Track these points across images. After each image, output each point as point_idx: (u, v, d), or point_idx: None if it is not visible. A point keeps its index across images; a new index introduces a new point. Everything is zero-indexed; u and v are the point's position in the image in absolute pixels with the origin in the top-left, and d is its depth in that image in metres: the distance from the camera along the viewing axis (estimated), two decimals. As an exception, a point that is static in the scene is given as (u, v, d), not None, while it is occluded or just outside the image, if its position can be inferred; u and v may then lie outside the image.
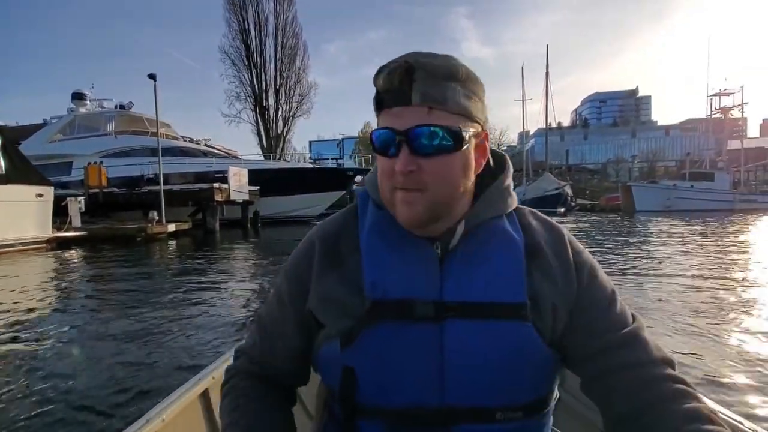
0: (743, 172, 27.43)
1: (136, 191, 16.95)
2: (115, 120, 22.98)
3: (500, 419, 0.57)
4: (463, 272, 0.58)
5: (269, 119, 31.76)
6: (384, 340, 0.57)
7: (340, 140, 77.50)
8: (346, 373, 0.59)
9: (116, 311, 4.84)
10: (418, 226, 0.58)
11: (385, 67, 0.56)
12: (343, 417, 0.60)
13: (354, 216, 0.66)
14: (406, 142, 0.54)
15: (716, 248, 9.26)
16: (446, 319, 0.57)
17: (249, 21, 30.41)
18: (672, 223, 16.65)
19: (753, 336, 3.51)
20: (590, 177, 53.82)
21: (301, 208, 21.41)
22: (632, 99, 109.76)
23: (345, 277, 0.61)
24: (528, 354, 0.57)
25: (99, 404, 2.51)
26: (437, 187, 0.56)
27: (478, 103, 0.58)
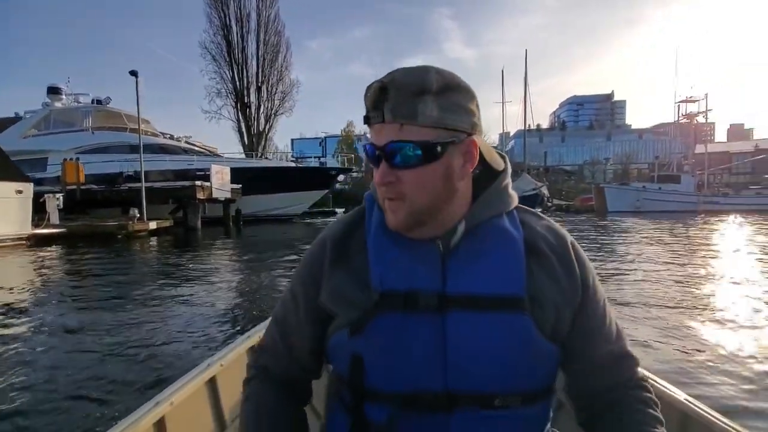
0: (707, 175, 28.86)
1: (116, 188, 16.76)
2: (92, 115, 22.55)
3: (499, 405, 0.60)
4: (464, 267, 0.62)
5: (251, 116, 31.49)
6: (390, 329, 0.61)
7: (323, 138, 77.26)
8: (355, 360, 0.62)
9: (96, 309, 4.79)
10: (403, 230, 0.63)
11: (368, 87, 0.60)
12: (352, 402, 0.64)
13: (361, 218, 0.70)
14: (383, 156, 0.60)
15: (678, 246, 9.96)
16: (448, 310, 0.60)
17: (231, 17, 30.11)
18: (640, 223, 17.52)
19: (707, 324, 3.94)
20: (567, 178, 55.29)
21: (283, 206, 21.51)
22: (608, 103, 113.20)
23: (353, 273, 0.65)
24: (525, 345, 0.60)
25: (65, 404, 2.47)
26: (415, 196, 0.60)
27: (460, 112, 0.60)
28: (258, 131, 31.77)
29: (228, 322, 4.21)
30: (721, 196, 27.36)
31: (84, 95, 24.61)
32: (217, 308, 4.74)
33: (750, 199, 27.35)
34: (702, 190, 27.19)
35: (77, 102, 24.19)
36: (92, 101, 23.80)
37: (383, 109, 0.58)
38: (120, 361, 3.16)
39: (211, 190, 16.41)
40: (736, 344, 3.35)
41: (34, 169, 18.18)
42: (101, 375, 2.88)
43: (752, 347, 3.30)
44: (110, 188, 16.76)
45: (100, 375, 2.88)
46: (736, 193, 28.64)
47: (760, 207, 25.49)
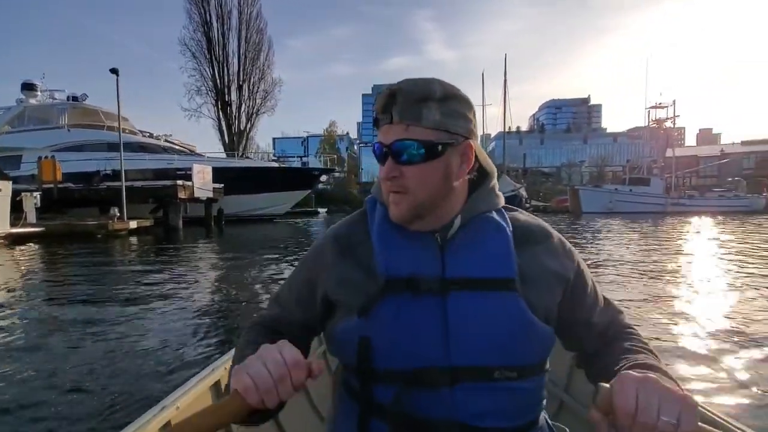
0: (674, 178, 30.28)
1: (94, 187, 16.53)
2: (68, 112, 22.08)
3: (498, 377, 0.66)
4: (461, 254, 0.69)
5: (232, 115, 31.25)
6: (396, 311, 0.66)
7: (305, 138, 76.90)
8: (363, 342, 0.67)
9: (74, 309, 4.73)
10: (404, 222, 0.70)
11: (379, 93, 0.68)
12: (359, 384, 0.69)
13: (363, 217, 0.78)
14: (390, 153, 0.67)
15: (644, 243, 10.60)
16: (449, 292, 0.67)
17: (211, 14, 29.89)
18: (612, 223, 18.33)
19: (664, 312, 4.35)
20: (545, 180, 56.69)
21: (265, 206, 21.57)
22: (584, 107, 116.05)
23: (358, 264, 0.71)
24: (518, 321, 0.66)
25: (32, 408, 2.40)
26: (417, 190, 0.67)
27: (459, 119, 0.68)
28: (239, 130, 31.54)
29: (207, 331, 3.96)
30: (687, 198, 28.84)
31: (59, 92, 24.07)
32: (197, 314, 4.53)
33: (713, 200, 28.89)
34: (670, 192, 28.57)
35: (53, 98, 23.63)
36: (68, 98, 23.28)
37: (392, 111, 0.66)
38: (85, 371, 2.98)
39: (193, 190, 16.37)
40: (690, 328, 3.78)
41: (7, 167, 17.72)
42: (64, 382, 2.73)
43: (705, 328, 3.76)
44: (88, 187, 16.52)
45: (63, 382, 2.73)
46: (701, 195, 30.19)
47: (721, 208, 27.06)
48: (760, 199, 28.95)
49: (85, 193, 16.28)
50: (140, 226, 14.22)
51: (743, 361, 3.14)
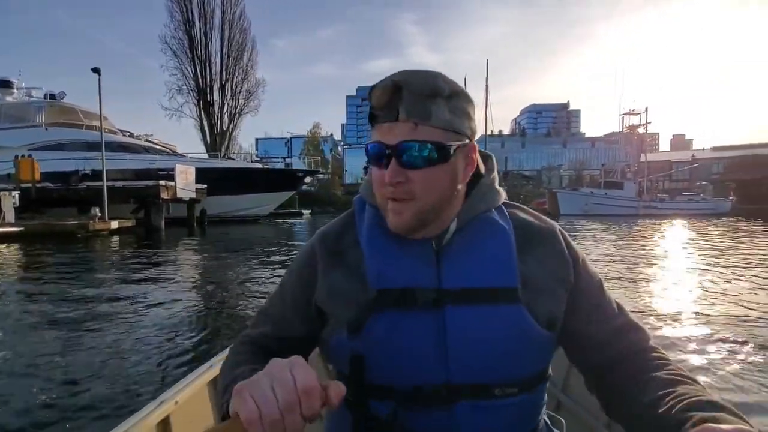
0: (646, 182, 31.53)
1: (73, 187, 16.33)
2: (46, 111, 21.65)
3: (498, 395, 0.61)
4: (459, 261, 0.63)
5: (214, 115, 30.98)
6: (390, 326, 0.61)
7: (289, 139, 76.39)
8: (355, 358, 0.62)
9: (51, 310, 4.67)
10: (406, 232, 0.63)
11: (377, 85, 0.60)
12: (353, 397, 0.63)
13: (351, 219, 0.71)
14: (394, 155, 0.59)
15: (616, 243, 11.19)
16: (446, 305, 0.61)
17: (193, 12, 29.62)
18: (588, 225, 19.06)
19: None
20: (526, 183, 57.84)
21: (249, 207, 21.58)
22: (564, 112, 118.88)
23: (348, 271, 0.65)
24: (521, 334, 0.61)
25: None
26: (425, 196, 0.60)
27: (465, 117, 0.62)
28: (221, 130, 31.31)
29: (188, 331, 3.98)
30: (659, 201, 30.09)
31: (37, 89, 23.63)
32: (179, 314, 4.53)
33: (682, 204, 30.20)
34: (642, 195, 29.75)
35: (29, 96, 23.15)
36: (45, 96, 22.81)
37: (397, 107, 0.58)
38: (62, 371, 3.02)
39: (176, 190, 16.33)
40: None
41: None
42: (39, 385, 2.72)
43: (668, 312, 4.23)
44: (67, 187, 16.31)
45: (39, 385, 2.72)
46: (671, 198, 31.50)
47: (690, 211, 28.39)
48: (725, 202, 30.39)
49: (63, 192, 16.07)
50: (122, 226, 14.15)
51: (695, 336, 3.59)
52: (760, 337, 3.70)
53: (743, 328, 3.99)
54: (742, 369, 3.04)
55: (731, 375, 2.93)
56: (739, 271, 7.04)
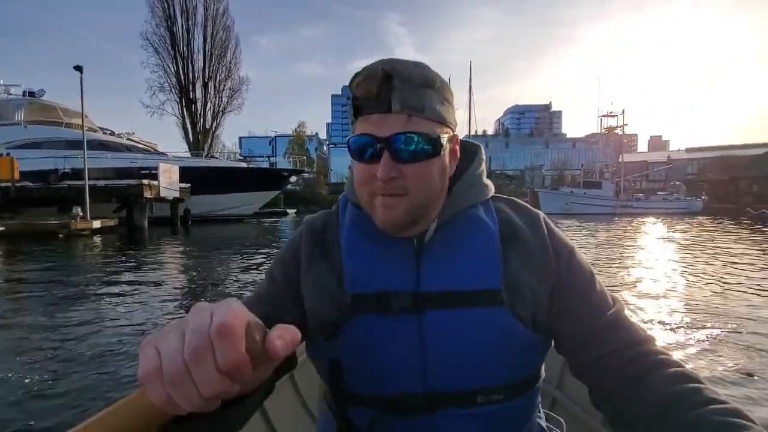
0: (623, 182, 32.70)
1: (54, 186, 16.11)
2: (25, 108, 21.28)
3: (481, 402, 0.59)
4: (439, 263, 0.60)
5: (196, 113, 30.60)
6: (366, 333, 0.59)
7: (273, 138, 75.97)
8: (333, 365, 0.61)
9: (35, 311, 4.63)
10: (395, 229, 0.60)
11: (361, 74, 0.57)
12: (335, 404, 0.63)
13: (336, 216, 0.69)
14: (387, 148, 0.56)
15: (593, 239, 11.71)
16: (425, 310, 0.58)
17: (175, 8, 29.16)
18: (567, 222, 19.66)
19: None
20: (509, 182, 58.81)
21: (234, 206, 21.56)
22: (546, 113, 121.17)
23: (329, 269, 0.63)
24: (505, 338, 0.58)
25: None
26: (418, 191, 0.58)
27: (450, 109, 0.60)
28: (204, 129, 30.94)
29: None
30: (635, 200, 31.24)
31: (16, 86, 23.12)
32: (161, 314, 4.56)
33: (657, 203, 31.43)
34: (619, 195, 30.81)
35: (8, 94, 22.62)
36: (24, 93, 22.39)
37: (389, 98, 0.55)
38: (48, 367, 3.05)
39: (159, 189, 16.27)
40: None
41: (-43, 165, 16.93)
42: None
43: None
44: (47, 186, 16.07)
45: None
46: (647, 198, 32.72)
47: (664, 210, 29.61)
48: (697, 201, 31.63)
49: (44, 192, 15.82)
50: (104, 225, 14.05)
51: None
52: (707, 320, 4.11)
53: (696, 309, 4.41)
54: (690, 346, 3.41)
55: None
56: (700, 263, 7.60)
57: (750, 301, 5.00)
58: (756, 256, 8.72)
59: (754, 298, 5.15)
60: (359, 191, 0.62)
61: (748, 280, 6.23)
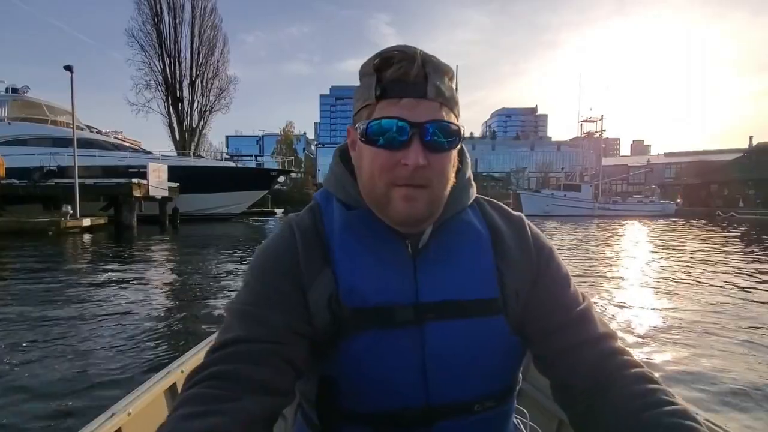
0: (602, 185, 33.83)
1: (41, 183, 16.14)
2: (9, 105, 21.10)
3: (478, 410, 0.59)
4: (437, 272, 0.59)
5: (183, 112, 30.30)
6: (366, 349, 0.56)
7: (261, 137, 75.68)
8: (325, 382, 0.58)
9: (18, 309, 4.67)
10: (415, 224, 0.58)
11: (391, 56, 0.54)
12: (322, 425, 0.59)
13: (318, 213, 0.63)
14: (418, 135, 0.53)
15: (576, 237, 12.39)
16: (426, 322, 0.57)
17: (162, 5, 28.78)
18: (548, 223, 20.43)
19: None
20: (495, 184, 59.83)
21: (221, 206, 21.74)
22: (532, 116, 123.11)
23: (324, 276, 0.58)
24: (501, 346, 0.59)
25: None
26: (438, 184, 0.56)
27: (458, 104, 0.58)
28: (191, 127, 30.68)
29: (157, 331, 4.03)
30: (612, 203, 32.48)
31: (-1, 82, 22.82)
32: (149, 313, 4.61)
33: (633, 205, 32.72)
34: (598, 198, 31.96)
35: (-10, 90, 22.36)
36: (8, 90, 22.13)
37: (425, 83, 0.54)
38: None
39: (148, 188, 16.43)
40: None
41: (-61, 161, 16.78)
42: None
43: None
44: (35, 183, 16.09)
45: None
46: (623, 201, 34.00)
47: (640, 212, 30.87)
48: (670, 204, 33.18)
49: (30, 189, 15.85)
50: (94, 223, 14.18)
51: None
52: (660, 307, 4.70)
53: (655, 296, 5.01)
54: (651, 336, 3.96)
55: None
56: (660, 258, 8.35)
57: (695, 289, 5.66)
58: (710, 254, 9.49)
59: (700, 286, 5.81)
60: (373, 181, 0.57)
61: (697, 273, 6.93)
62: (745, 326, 4.22)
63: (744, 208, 32.05)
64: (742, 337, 3.88)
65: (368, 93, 0.56)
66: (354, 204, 0.62)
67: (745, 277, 6.88)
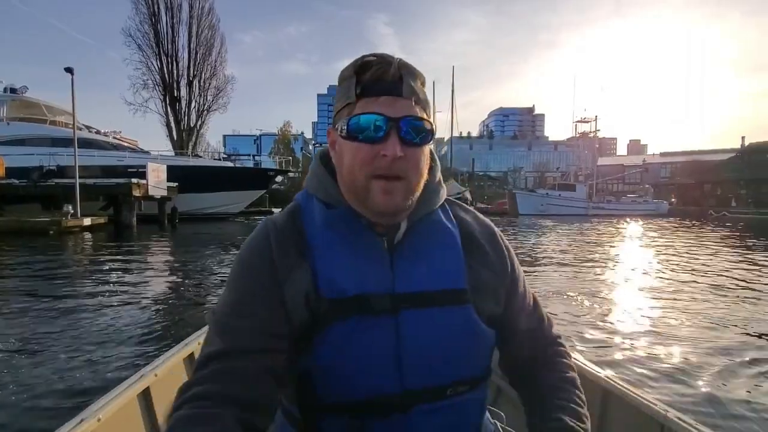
0: (596, 184, 34.24)
1: (41, 183, 16.33)
2: (7, 105, 21.24)
3: (450, 394, 0.63)
4: (411, 265, 0.64)
5: (181, 111, 30.32)
6: (343, 338, 0.59)
7: (258, 136, 75.78)
8: (303, 377, 0.60)
9: (22, 307, 4.73)
10: (393, 214, 0.63)
11: (373, 60, 0.61)
12: (300, 415, 0.63)
13: (298, 214, 0.67)
14: (395, 129, 0.59)
15: (563, 237, 12.70)
16: (401, 310, 0.61)
17: (160, 5, 28.76)
18: (542, 223, 20.75)
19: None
20: (492, 183, 60.20)
21: (220, 205, 21.97)
22: (529, 116, 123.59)
23: (303, 272, 0.61)
24: (470, 333, 0.65)
25: None
26: (414, 176, 0.61)
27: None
28: (189, 127, 30.72)
29: (152, 327, 4.11)
30: (606, 202, 32.90)
31: (-4, 82, 22.94)
32: (146, 310, 4.71)
33: (626, 205, 33.21)
34: (592, 197, 32.35)
35: (-12, 89, 22.49)
36: (5, 89, 22.26)
37: (401, 84, 0.60)
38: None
39: (147, 188, 16.64)
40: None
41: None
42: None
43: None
44: (35, 183, 16.28)
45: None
46: (617, 200, 34.42)
47: (634, 211, 31.32)
48: (663, 204, 33.61)
49: (30, 189, 16.04)
50: (94, 223, 14.37)
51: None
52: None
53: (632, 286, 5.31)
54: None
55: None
56: (646, 254, 8.64)
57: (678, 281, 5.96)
58: (690, 248, 9.81)
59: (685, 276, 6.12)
60: (354, 174, 0.61)
61: (672, 266, 7.24)
62: (703, 316, 4.50)
63: (736, 208, 32.56)
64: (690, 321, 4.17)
65: (348, 93, 0.62)
66: (334, 203, 0.66)
67: (709, 272, 7.18)
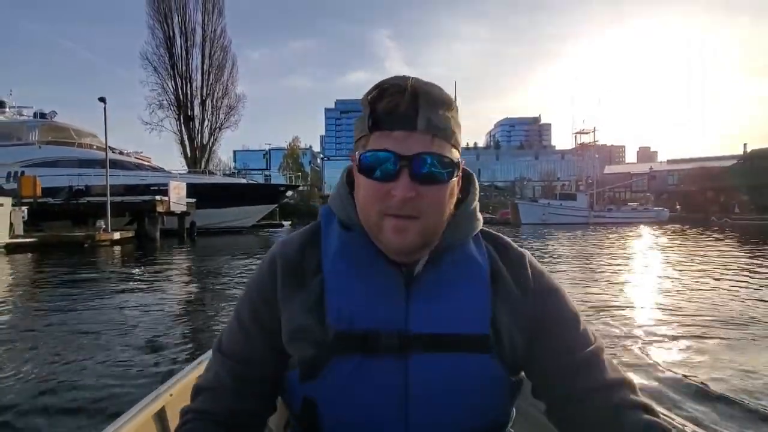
0: (602, 193, 35.08)
1: (74, 201, 17.86)
2: (39, 129, 23.00)
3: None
4: (429, 302, 0.59)
5: (194, 129, 31.75)
6: (349, 374, 0.57)
7: (267, 151, 77.72)
8: (307, 404, 0.59)
9: (63, 313, 5.09)
10: (407, 254, 0.58)
11: (385, 88, 0.56)
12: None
13: (317, 234, 0.65)
14: (408, 167, 0.54)
15: (570, 243, 13.60)
16: (411, 352, 0.57)
17: (175, 30, 30.43)
18: (543, 232, 21.59)
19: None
20: (498, 194, 61.01)
21: (234, 219, 23.37)
22: (536, 126, 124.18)
23: (308, 301, 0.60)
24: (489, 384, 0.59)
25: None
26: (432, 215, 0.56)
27: (460, 133, 0.59)
28: (202, 144, 32.10)
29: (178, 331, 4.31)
30: (607, 211, 33.60)
31: (27, 108, 24.90)
32: (172, 314, 5.05)
33: (627, 213, 33.91)
34: (593, 206, 33.10)
35: (20, 115, 24.39)
36: (36, 114, 24.13)
37: (416, 116, 0.55)
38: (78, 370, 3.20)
39: (169, 204, 18.05)
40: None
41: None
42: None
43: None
44: (68, 201, 17.82)
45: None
46: (618, 208, 35.10)
47: (634, 219, 31.99)
48: (664, 211, 34.13)
49: (65, 207, 17.56)
50: (122, 237, 15.71)
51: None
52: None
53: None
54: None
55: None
56: (644, 258, 9.55)
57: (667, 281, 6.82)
58: (678, 251, 10.65)
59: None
60: (367, 210, 0.58)
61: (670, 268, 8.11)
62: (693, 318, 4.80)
63: (739, 214, 32.98)
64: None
65: (363, 124, 0.58)
66: (353, 226, 0.63)
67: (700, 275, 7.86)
